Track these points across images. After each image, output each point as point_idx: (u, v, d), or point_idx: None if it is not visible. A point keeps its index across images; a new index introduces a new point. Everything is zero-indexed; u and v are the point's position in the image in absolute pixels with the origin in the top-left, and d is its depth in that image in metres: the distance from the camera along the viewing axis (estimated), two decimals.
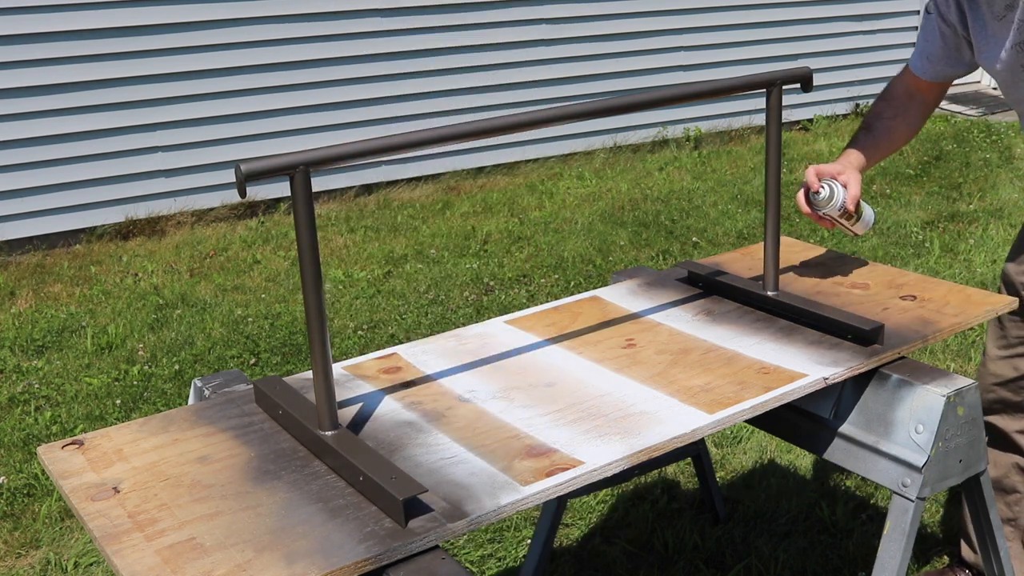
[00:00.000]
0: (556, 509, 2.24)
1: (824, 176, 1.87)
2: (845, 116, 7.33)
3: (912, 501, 1.58)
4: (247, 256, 4.74)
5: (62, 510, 2.70)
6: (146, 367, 3.56)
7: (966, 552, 2.24)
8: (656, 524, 2.58)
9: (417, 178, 5.86)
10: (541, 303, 2.55)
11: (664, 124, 6.61)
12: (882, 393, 1.62)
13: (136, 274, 4.53)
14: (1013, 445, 2.10)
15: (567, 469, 1.30)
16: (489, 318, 1.95)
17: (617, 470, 1.33)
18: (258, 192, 5.34)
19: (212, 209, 5.28)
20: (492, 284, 4.28)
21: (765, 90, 1.63)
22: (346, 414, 1.46)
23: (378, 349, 1.73)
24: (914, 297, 1.83)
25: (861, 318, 1.66)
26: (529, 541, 2.43)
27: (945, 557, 2.41)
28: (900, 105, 2.07)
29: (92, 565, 2.49)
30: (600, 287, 1.99)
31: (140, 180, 5.09)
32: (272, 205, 5.43)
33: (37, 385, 3.44)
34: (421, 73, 5.71)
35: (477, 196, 5.63)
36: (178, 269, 4.57)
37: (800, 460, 2.84)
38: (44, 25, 4.65)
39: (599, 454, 1.34)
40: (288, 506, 1.23)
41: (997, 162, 6.05)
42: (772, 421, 1.77)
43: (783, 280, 1.88)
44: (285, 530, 1.18)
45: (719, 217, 5.14)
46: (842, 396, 1.68)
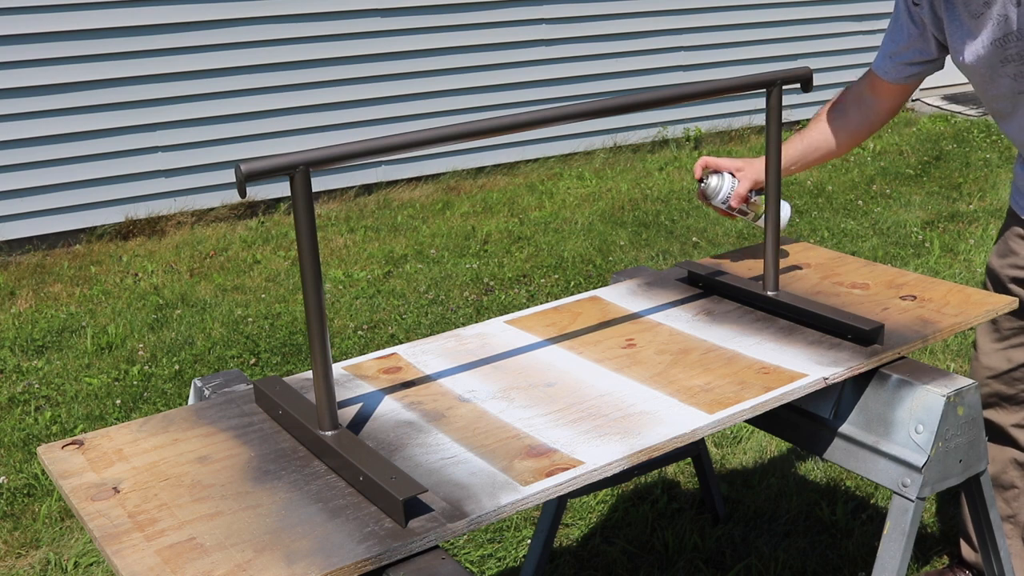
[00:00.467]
0: (556, 509, 2.24)
1: (721, 169, 1.92)
2: None
3: (912, 501, 1.58)
4: (247, 256, 4.75)
5: (62, 510, 2.70)
6: (146, 367, 3.56)
7: (966, 552, 2.24)
8: (656, 524, 2.58)
9: (417, 178, 5.86)
10: (541, 303, 2.55)
11: (664, 124, 6.61)
12: (882, 393, 1.62)
13: (136, 274, 4.53)
14: (1010, 439, 2.10)
15: (567, 469, 1.30)
16: (489, 318, 1.95)
17: (617, 470, 1.33)
18: (258, 192, 5.34)
19: (212, 209, 5.28)
20: (492, 284, 4.28)
21: (765, 90, 1.64)
22: (346, 414, 1.46)
23: (378, 349, 1.73)
24: (914, 297, 1.83)
25: (861, 318, 1.66)
26: (529, 541, 2.43)
27: (945, 557, 2.41)
28: (844, 110, 2.06)
29: (92, 565, 2.49)
30: (600, 287, 1.99)
31: (140, 180, 5.09)
32: (272, 205, 5.43)
33: (37, 385, 3.44)
34: (421, 73, 5.71)
35: (477, 196, 5.63)
36: (178, 269, 4.58)
37: (800, 460, 2.84)
38: (44, 25, 4.65)
39: (599, 454, 1.34)
40: (288, 506, 1.23)
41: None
42: (772, 421, 1.77)
43: (783, 280, 1.88)
44: (285, 530, 1.18)
45: (719, 217, 5.14)
46: (842, 396, 1.68)
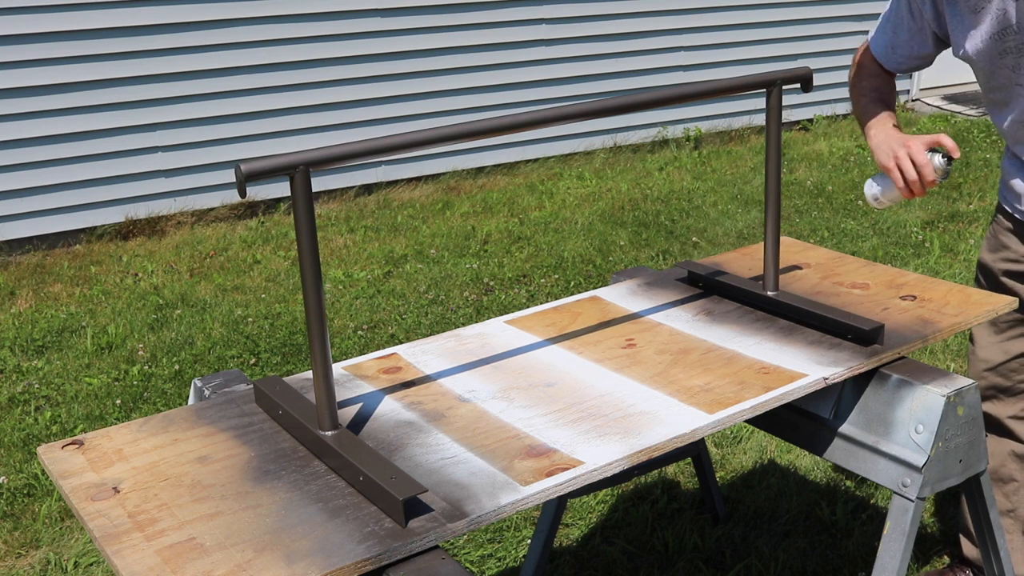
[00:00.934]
0: (556, 509, 2.24)
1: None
2: (845, 116, 7.33)
3: (912, 501, 1.58)
4: (247, 256, 4.75)
5: (62, 510, 2.70)
6: (146, 367, 3.56)
7: (967, 549, 2.24)
8: (656, 524, 2.58)
9: (417, 178, 5.86)
10: (541, 303, 2.55)
11: (664, 124, 6.61)
12: (882, 393, 1.62)
13: (136, 274, 4.53)
14: (1008, 432, 2.11)
15: (567, 469, 1.30)
16: (489, 318, 1.95)
17: (617, 470, 1.33)
18: (258, 192, 5.34)
19: (212, 209, 5.28)
20: (492, 284, 4.28)
21: (765, 90, 1.64)
22: (346, 414, 1.46)
23: (378, 349, 1.73)
24: (914, 297, 1.83)
25: (861, 318, 1.66)
26: (529, 541, 2.43)
27: (945, 557, 2.41)
28: (887, 80, 2.14)
29: (92, 565, 2.49)
30: (600, 287, 1.99)
31: (140, 180, 5.09)
32: (272, 205, 5.43)
33: (37, 385, 3.44)
34: (421, 73, 5.71)
35: (477, 196, 5.63)
36: (178, 269, 4.57)
37: (800, 460, 2.84)
38: (44, 25, 4.65)
39: (599, 454, 1.34)
40: (288, 506, 1.23)
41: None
42: (772, 421, 1.77)
43: (783, 280, 1.88)
44: (285, 530, 1.18)
45: (719, 217, 5.14)
46: (842, 396, 1.68)
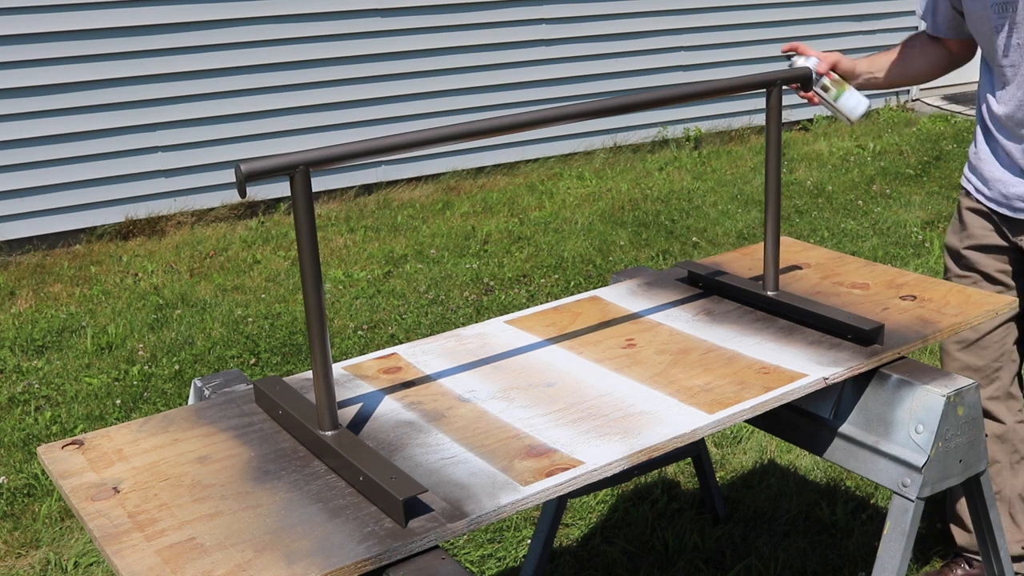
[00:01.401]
0: (556, 509, 2.24)
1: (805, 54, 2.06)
2: None
3: (912, 501, 1.58)
4: (247, 256, 4.75)
5: (62, 510, 2.70)
6: (146, 367, 3.56)
7: (959, 537, 2.25)
8: (656, 524, 2.58)
9: (417, 178, 5.86)
10: (541, 303, 2.55)
11: (664, 124, 6.61)
12: (882, 393, 1.62)
13: (136, 274, 4.53)
14: (985, 412, 2.12)
15: (567, 469, 1.30)
16: (489, 318, 1.95)
17: (617, 470, 1.33)
18: (258, 192, 5.34)
19: (212, 209, 5.28)
20: (492, 284, 4.28)
21: (765, 90, 1.64)
22: (346, 414, 1.46)
23: (378, 349, 1.73)
24: (914, 297, 1.83)
25: (861, 318, 1.66)
26: (529, 541, 2.43)
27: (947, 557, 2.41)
28: (924, 43, 2.20)
29: (92, 565, 2.49)
30: (600, 287, 1.99)
31: (140, 180, 5.09)
32: (272, 205, 5.44)
33: (37, 385, 3.44)
34: (421, 73, 5.71)
35: (477, 196, 5.63)
36: (178, 269, 4.58)
37: (800, 460, 2.84)
38: (44, 25, 4.65)
39: (599, 454, 1.34)
40: (288, 506, 1.23)
41: None
42: (772, 421, 1.77)
43: (783, 280, 1.88)
44: (285, 530, 1.18)
45: (719, 217, 5.14)
46: (842, 396, 1.68)
